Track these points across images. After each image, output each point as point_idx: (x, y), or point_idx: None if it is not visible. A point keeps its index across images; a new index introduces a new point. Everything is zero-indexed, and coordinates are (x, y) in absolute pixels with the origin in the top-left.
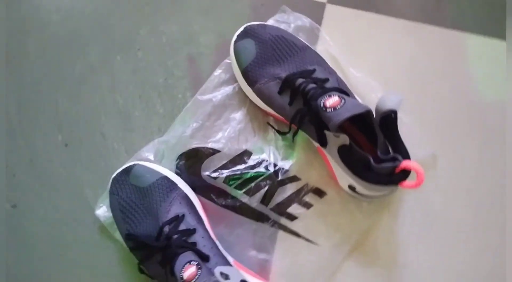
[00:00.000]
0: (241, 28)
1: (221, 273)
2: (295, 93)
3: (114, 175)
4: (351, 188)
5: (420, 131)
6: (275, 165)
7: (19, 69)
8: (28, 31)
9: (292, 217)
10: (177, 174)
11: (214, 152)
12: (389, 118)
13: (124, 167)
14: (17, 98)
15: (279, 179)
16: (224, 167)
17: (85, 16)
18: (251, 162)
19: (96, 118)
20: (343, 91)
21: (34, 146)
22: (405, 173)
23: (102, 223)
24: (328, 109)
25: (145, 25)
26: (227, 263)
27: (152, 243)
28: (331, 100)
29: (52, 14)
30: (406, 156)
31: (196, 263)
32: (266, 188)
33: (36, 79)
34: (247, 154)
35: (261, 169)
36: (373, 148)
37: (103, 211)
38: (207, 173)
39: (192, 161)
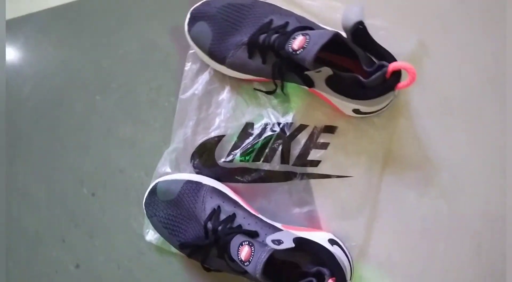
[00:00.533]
0: (188, 15)
1: (273, 241)
2: (263, 50)
3: (144, 201)
4: (356, 111)
5: (399, 27)
6: (278, 124)
7: (24, 147)
8: (11, 111)
9: (315, 163)
10: (197, 173)
11: (220, 138)
12: (359, 31)
13: (148, 189)
14: (35, 174)
15: (288, 134)
16: (234, 147)
17: (53, 75)
18: (256, 131)
19: (107, 159)
20: (306, 27)
21: (69, 208)
22: (397, 75)
23: (156, 245)
24: (298, 51)
25: (105, 57)
26: (277, 230)
27: (203, 243)
28: (297, 42)
29: (24, 88)
30: (391, 59)
31: (247, 242)
32: (280, 148)
33: (41, 150)
34: (249, 125)
35: (268, 133)
36: (360, 65)
37: (151, 235)
38: (223, 159)
39: (205, 155)
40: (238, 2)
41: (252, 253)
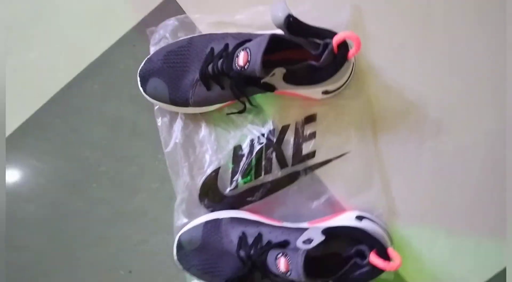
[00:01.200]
0: (138, 78)
1: (304, 242)
2: (216, 78)
3: (175, 258)
4: (325, 92)
5: (328, 1)
6: (263, 135)
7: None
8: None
9: (311, 154)
10: (211, 211)
11: (216, 171)
12: (291, 23)
13: (174, 246)
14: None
15: (275, 140)
16: (233, 174)
17: (49, 189)
18: (246, 150)
19: (129, 240)
20: (244, 41)
21: None
22: (344, 46)
23: None
24: (245, 66)
25: (84, 149)
26: (304, 230)
27: (244, 272)
28: (241, 58)
29: (29, 204)
30: (332, 34)
31: (281, 253)
32: (274, 156)
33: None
34: (237, 149)
35: (257, 148)
36: (308, 52)
37: None
38: (228, 189)
39: (210, 193)
40: (176, 46)
41: (289, 262)
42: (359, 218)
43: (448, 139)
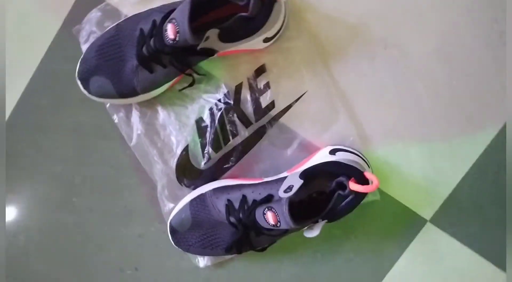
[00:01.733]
0: (79, 82)
1: (285, 191)
2: (155, 58)
3: (172, 243)
4: (266, 40)
5: None
6: (219, 100)
7: None
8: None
9: (271, 105)
10: (193, 189)
11: (186, 150)
12: None
13: (169, 233)
14: None
15: (232, 101)
16: (203, 147)
17: (36, 213)
18: (208, 120)
19: (126, 239)
20: (169, 12)
21: None
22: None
23: (213, 264)
24: (177, 38)
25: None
26: (284, 179)
27: (239, 235)
28: (169, 32)
29: (18, 238)
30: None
31: (266, 208)
32: (235, 117)
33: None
34: (200, 121)
35: (218, 115)
36: (236, 5)
37: (202, 261)
38: (203, 163)
39: (187, 172)
40: (105, 37)
41: (276, 213)
42: (333, 151)
43: (397, 52)
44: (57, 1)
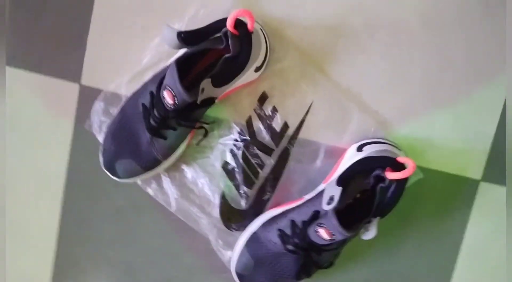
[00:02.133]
0: (107, 172)
1: (327, 203)
2: (163, 125)
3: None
4: (257, 69)
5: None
6: (236, 140)
7: None
8: None
9: (285, 127)
10: (244, 230)
11: (223, 197)
12: (186, 39)
13: (237, 280)
14: None
15: (248, 137)
16: (237, 188)
17: None
18: (232, 162)
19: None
20: (161, 80)
21: None
22: (240, 24)
23: None
24: (175, 102)
25: None
26: (323, 192)
27: (303, 260)
28: (167, 98)
29: None
30: (223, 21)
31: (315, 225)
32: (256, 149)
33: None
34: (225, 165)
35: (239, 154)
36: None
37: None
38: (243, 204)
39: (232, 217)
40: (114, 123)
41: (327, 228)
42: (359, 148)
43: (384, 35)
44: (62, 105)
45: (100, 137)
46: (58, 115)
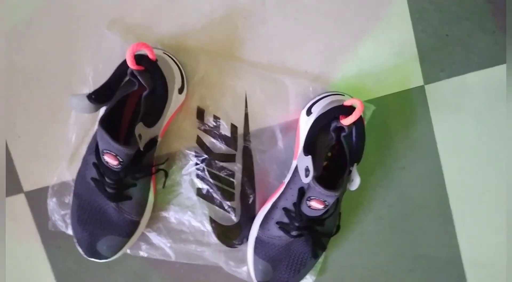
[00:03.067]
0: (93, 258)
1: (305, 176)
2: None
3: None
4: (181, 89)
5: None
6: (196, 164)
7: None
8: None
9: (234, 128)
10: (246, 241)
11: (211, 220)
12: (96, 98)
13: None
14: None
15: (204, 155)
16: (221, 207)
17: None
18: (203, 185)
19: None
20: (96, 146)
21: None
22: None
23: None
24: (120, 161)
25: None
26: (297, 168)
27: (311, 238)
28: (110, 161)
29: None
30: (124, 64)
31: (306, 200)
32: (218, 163)
33: None
34: (199, 192)
35: (206, 172)
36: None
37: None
38: (233, 218)
39: (229, 234)
40: (74, 210)
41: (317, 197)
42: (308, 112)
43: None
44: (20, 222)
45: (69, 231)
46: (22, 237)
